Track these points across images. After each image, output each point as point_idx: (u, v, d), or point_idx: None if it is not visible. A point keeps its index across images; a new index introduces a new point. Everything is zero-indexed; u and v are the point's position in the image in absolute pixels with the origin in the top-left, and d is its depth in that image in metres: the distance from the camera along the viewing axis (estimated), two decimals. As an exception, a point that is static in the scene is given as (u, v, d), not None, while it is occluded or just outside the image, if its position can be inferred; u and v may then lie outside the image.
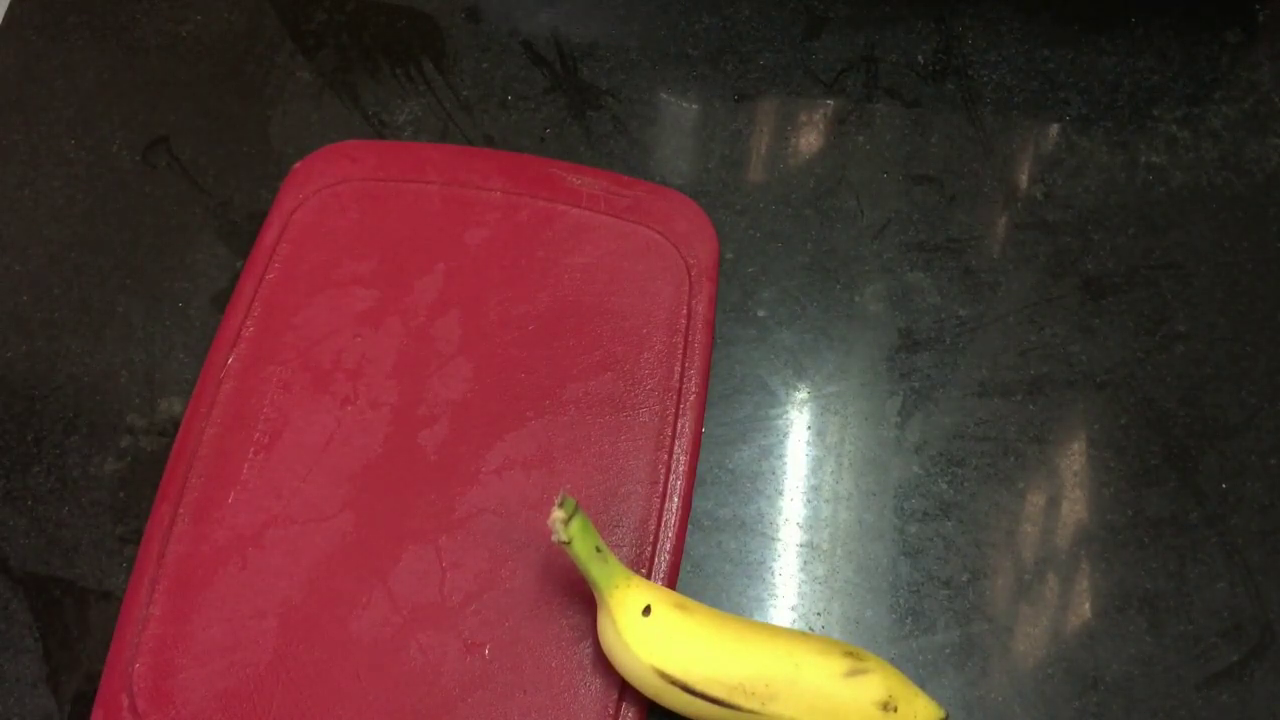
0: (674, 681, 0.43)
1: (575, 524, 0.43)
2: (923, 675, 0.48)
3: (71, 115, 0.63)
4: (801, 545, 0.51)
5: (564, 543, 0.43)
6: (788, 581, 0.51)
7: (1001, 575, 0.51)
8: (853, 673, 0.44)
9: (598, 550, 0.44)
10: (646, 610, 0.44)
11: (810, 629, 0.50)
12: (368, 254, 0.56)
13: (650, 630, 0.44)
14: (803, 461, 0.54)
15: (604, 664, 0.47)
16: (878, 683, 0.44)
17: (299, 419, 0.52)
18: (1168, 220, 0.60)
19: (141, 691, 0.47)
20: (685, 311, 0.55)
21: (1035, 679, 0.48)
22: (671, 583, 0.50)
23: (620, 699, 0.46)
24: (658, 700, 0.44)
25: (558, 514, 0.43)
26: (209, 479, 0.51)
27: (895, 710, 0.44)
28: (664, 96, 0.64)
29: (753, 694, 0.43)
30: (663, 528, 0.50)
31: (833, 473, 0.53)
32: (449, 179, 0.59)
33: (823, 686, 0.43)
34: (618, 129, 0.63)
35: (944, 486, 0.53)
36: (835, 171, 0.62)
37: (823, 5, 0.67)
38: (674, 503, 0.51)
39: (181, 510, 0.50)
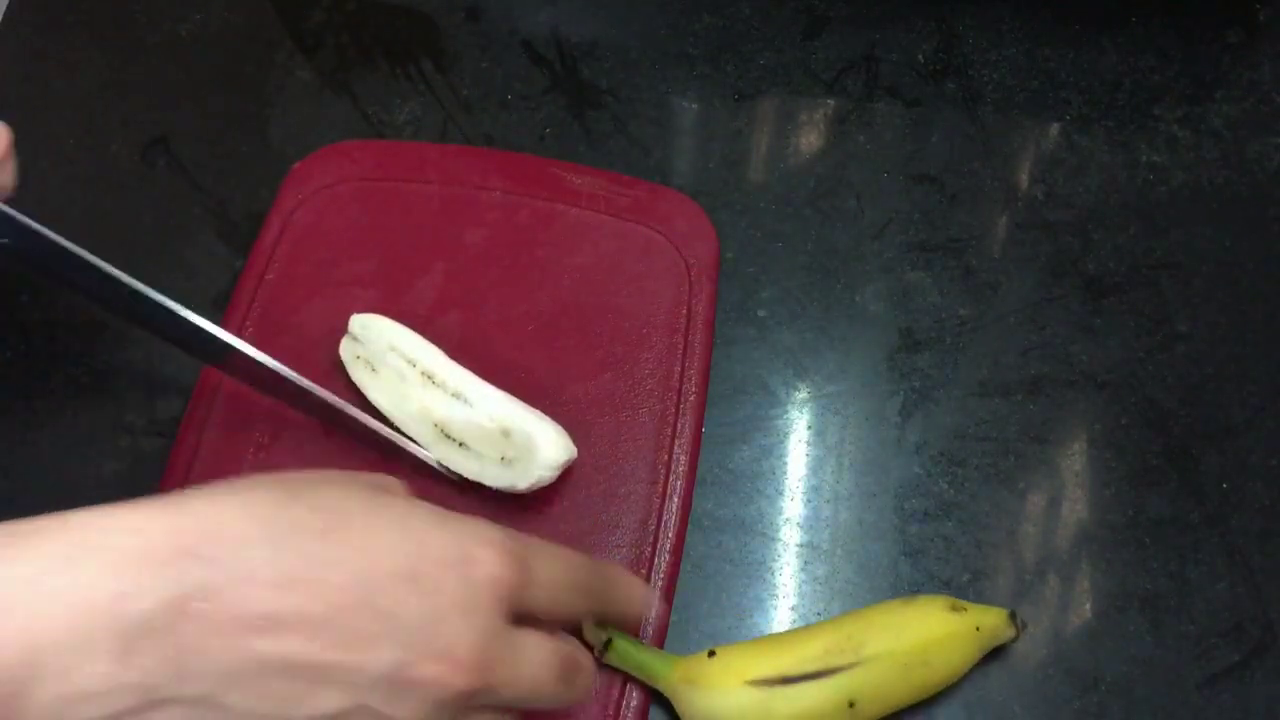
0: (770, 681, 0.43)
1: (617, 646, 0.44)
2: (923, 675, 0.48)
3: (71, 115, 0.63)
4: (802, 545, 0.51)
5: (614, 667, 0.44)
6: (788, 581, 0.51)
7: (1002, 575, 0.50)
8: (909, 599, 0.47)
9: (641, 646, 0.45)
10: (711, 654, 0.45)
11: (810, 629, 0.50)
12: (368, 254, 0.56)
13: (724, 662, 0.44)
14: (803, 461, 0.54)
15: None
16: (937, 597, 0.47)
17: (299, 419, 0.52)
18: (1168, 220, 0.60)
19: (141, 692, 0.47)
20: (685, 311, 0.55)
21: (1035, 679, 0.48)
22: (671, 583, 0.50)
23: (621, 697, 0.46)
24: None
25: (597, 637, 0.44)
26: (209, 479, 0.50)
27: (965, 611, 0.46)
28: (664, 96, 0.64)
29: (844, 650, 0.44)
30: (663, 528, 0.50)
31: (833, 473, 0.53)
32: (449, 179, 0.59)
33: (894, 607, 0.46)
34: (618, 129, 0.63)
35: (944, 486, 0.53)
36: (835, 171, 0.62)
37: (823, 5, 0.67)
38: (674, 503, 0.51)
39: (181, 510, 0.50)
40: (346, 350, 0.52)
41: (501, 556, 0.36)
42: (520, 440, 0.48)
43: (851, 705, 0.43)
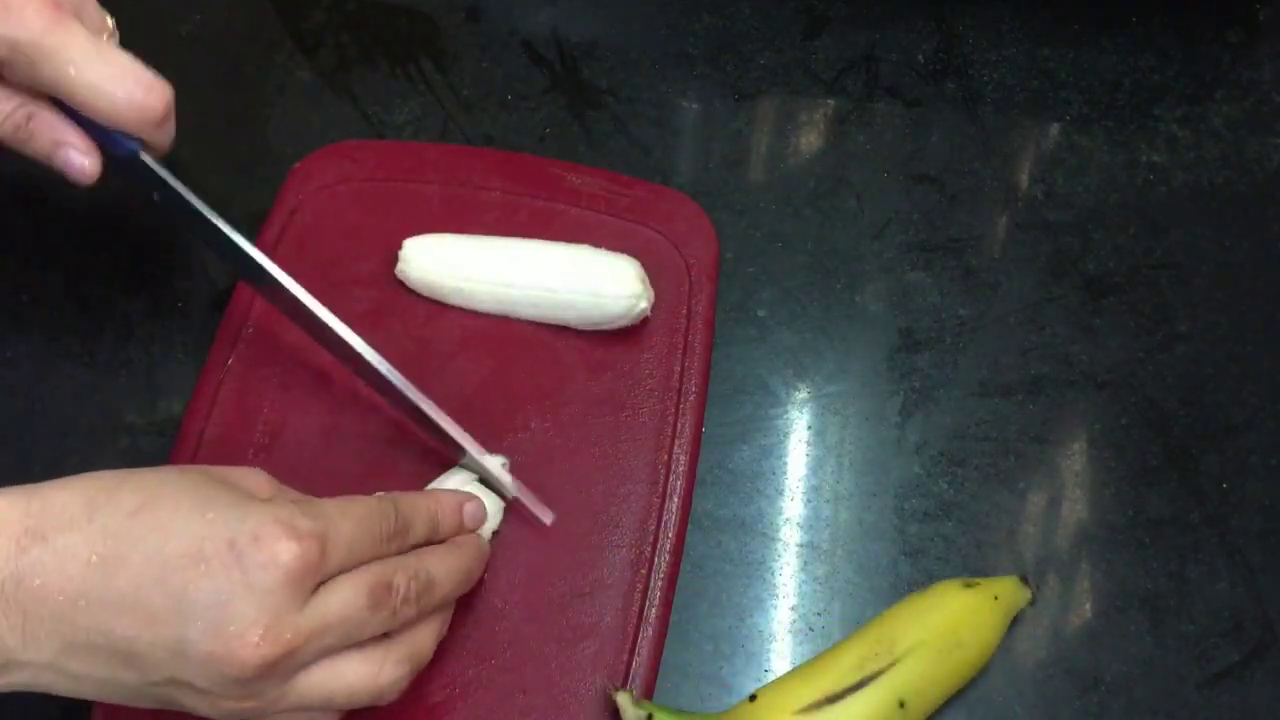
0: (818, 704, 0.43)
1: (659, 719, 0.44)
2: (923, 675, 0.48)
3: None
4: (802, 545, 0.51)
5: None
6: (788, 581, 0.51)
7: (1002, 575, 0.50)
8: (923, 590, 0.48)
9: (683, 714, 0.45)
10: (752, 698, 0.45)
11: (811, 629, 0.50)
12: (368, 254, 0.56)
13: (767, 701, 0.44)
14: (803, 461, 0.54)
15: (604, 663, 0.47)
16: (949, 581, 0.48)
17: (299, 419, 0.52)
18: (1168, 220, 0.60)
19: (141, 692, 0.47)
20: (685, 311, 0.55)
21: (1035, 679, 0.48)
22: (671, 582, 0.50)
23: (620, 699, 0.46)
24: None
25: (636, 716, 0.44)
26: (209, 479, 0.50)
27: (979, 585, 0.47)
28: (664, 96, 0.64)
29: (879, 653, 0.44)
30: (663, 528, 0.50)
31: (833, 473, 0.53)
32: (449, 179, 0.59)
33: (912, 601, 0.47)
34: (618, 129, 0.63)
35: (944, 486, 0.53)
36: (835, 171, 0.62)
37: (823, 5, 0.67)
38: (674, 503, 0.51)
39: (181, 510, 0.50)
40: None
41: (292, 539, 0.37)
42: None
43: (902, 705, 0.44)
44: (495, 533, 0.49)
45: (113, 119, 0.44)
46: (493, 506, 0.49)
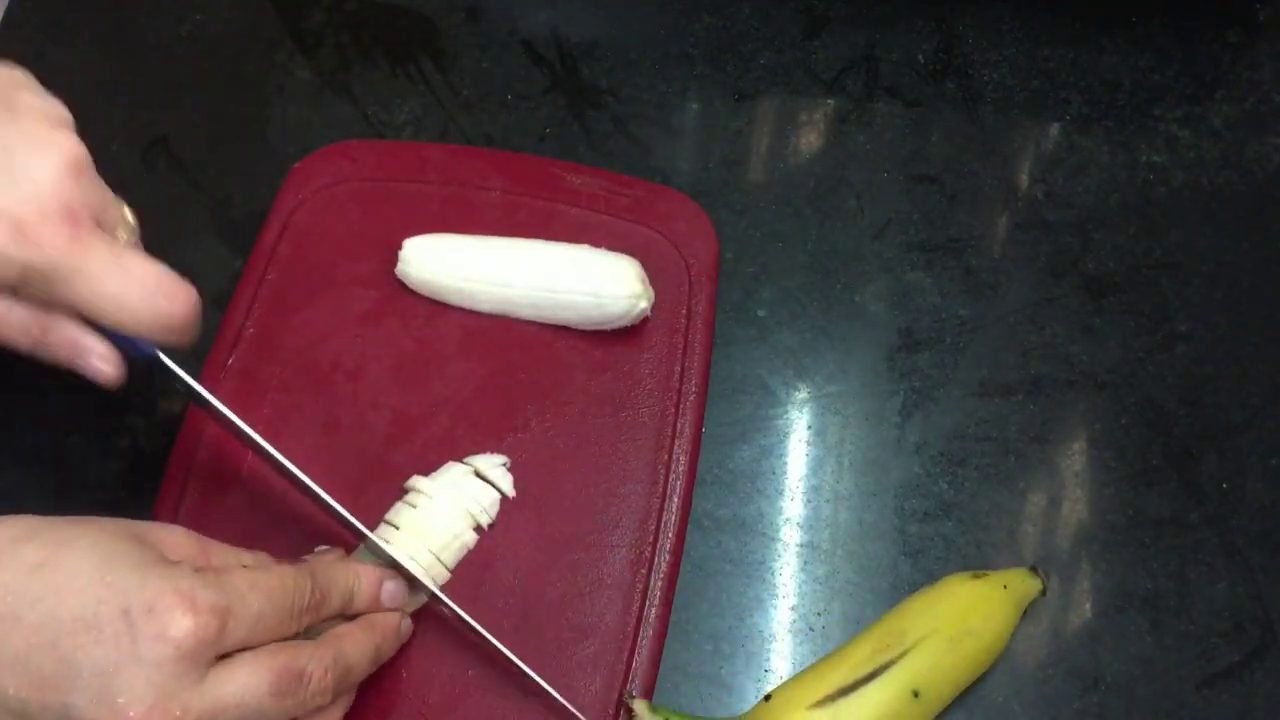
0: (831, 697, 0.43)
1: None
2: (923, 675, 0.48)
3: (71, 115, 0.63)
4: (802, 545, 0.51)
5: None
6: (788, 581, 0.51)
7: (1002, 575, 0.51)
8: (932, 584, 0.48)
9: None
10: (767, 698, 0.45)
11: (811, 629, 0.50)
12: (368, 254, 0.56)
13: (782, 699, 0.44)
14: (803, 461, 0.54)
15: (604, 663, 0.47)
16: (958, 574, 0.48)
17: (299, 419, 0.52)
18: (1168, 220, 0.60)
19: (141, 692, 0.47)
20: (685, 311, 0.55)
21: (1035, 679, 0.48)
22: (671, 583, 0.50)
23: (620, 698, 0.46)
24: None
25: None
26: (209, 479, 0.51)
27: (988, 576, 0.47)
28: (664, 96, 0.64)
29: (890, 645, 0.44)
30: (663, 528, 0.50)
31: (833, 473, 0.53)
32: (449, 179, 0.59)
33: (921, 593, 0.47)
34: (618, 129, 0.63)
35: (944, 486, 0.53)
36: (835, 171, 0.62)
37: (823, 5, 0.67)
38: (674, 503, 0.51)
39: (182, 510, 0.50)
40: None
41: (188, 613, 0.35)
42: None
43: (916, 694, 0.44)
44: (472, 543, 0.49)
45: (134, 330, 0.42)
46: (486, 499, 0.49)
